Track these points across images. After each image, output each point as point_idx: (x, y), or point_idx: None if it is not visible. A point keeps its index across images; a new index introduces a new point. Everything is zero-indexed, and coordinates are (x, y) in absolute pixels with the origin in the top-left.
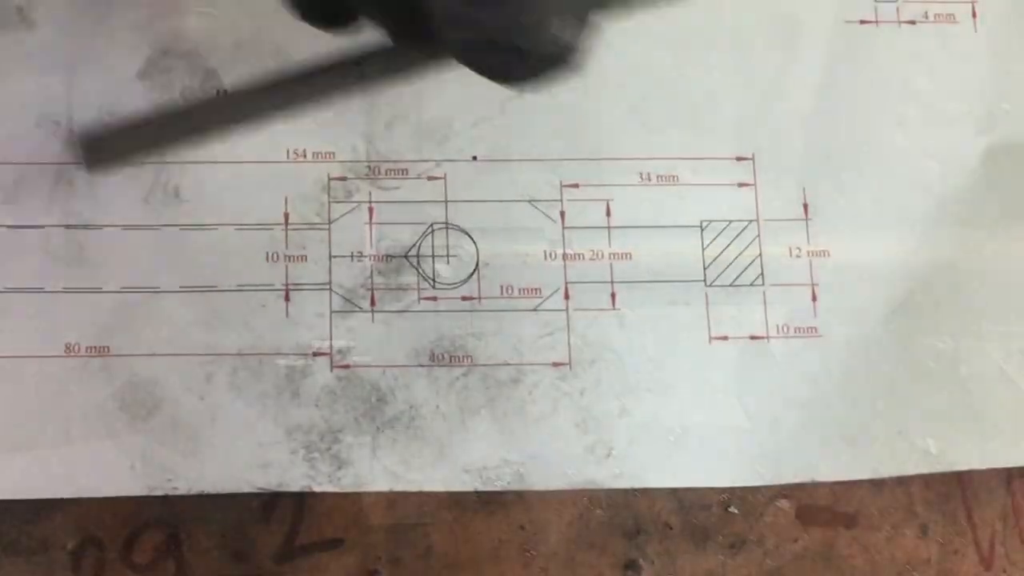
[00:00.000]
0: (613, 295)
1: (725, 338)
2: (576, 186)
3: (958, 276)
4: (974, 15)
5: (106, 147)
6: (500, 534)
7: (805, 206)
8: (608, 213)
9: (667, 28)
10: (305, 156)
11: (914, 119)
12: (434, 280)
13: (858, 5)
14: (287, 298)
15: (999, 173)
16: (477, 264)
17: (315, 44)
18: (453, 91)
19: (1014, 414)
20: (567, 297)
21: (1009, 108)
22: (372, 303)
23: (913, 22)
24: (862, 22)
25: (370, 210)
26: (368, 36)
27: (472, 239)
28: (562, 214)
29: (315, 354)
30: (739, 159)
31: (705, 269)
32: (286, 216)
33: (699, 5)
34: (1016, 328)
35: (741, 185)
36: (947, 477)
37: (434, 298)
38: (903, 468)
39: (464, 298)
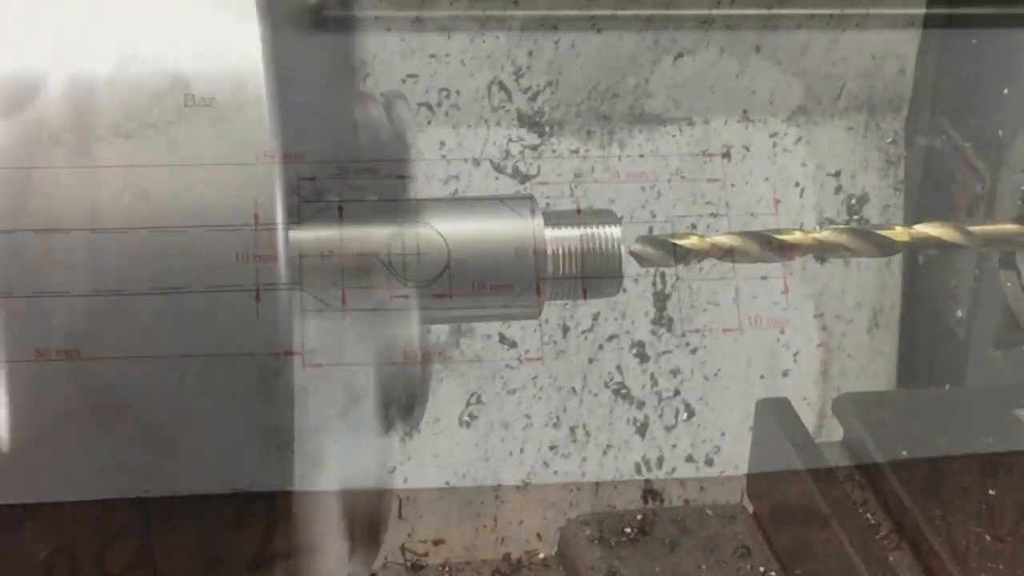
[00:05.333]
0: (584, 290)
1: (697, 331)
2: (545, 184)
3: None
4: None
5: None
6: (481, 537)
7: (776, 201)
8: (578, 210)
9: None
10: (274, 157)
11: None
12: (405, 279)
13: None
14: (258, 298)
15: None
16: (448, 262)
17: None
18: None
19: None
20: (539, 292)
21: None
22: (343, 302)
23: None
24: None
25: (340, 210)
26: None
27: (443, 237)
28: (532, 211)
29: (286, 354)
30: (707, 155)
31: (676, 261)
32: (256, 217)
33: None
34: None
35: (710, 181)
36: (922, 476)
37: (405, 296)
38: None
39: (436, 296)
